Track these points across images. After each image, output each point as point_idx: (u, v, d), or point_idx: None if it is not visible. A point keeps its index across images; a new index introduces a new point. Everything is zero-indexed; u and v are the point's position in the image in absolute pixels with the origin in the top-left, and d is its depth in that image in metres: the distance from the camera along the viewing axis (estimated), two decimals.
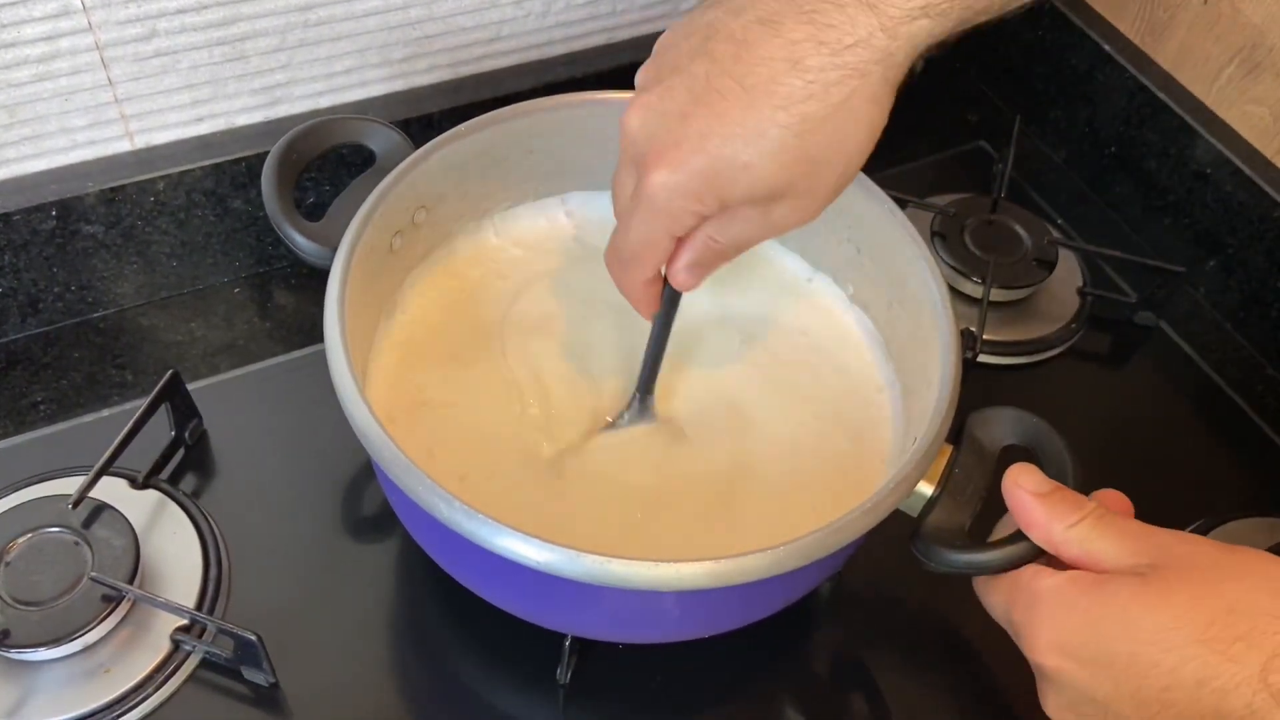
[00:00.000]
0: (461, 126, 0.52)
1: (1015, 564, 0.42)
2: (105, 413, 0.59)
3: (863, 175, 0.53)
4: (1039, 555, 0.41)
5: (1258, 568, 0.37)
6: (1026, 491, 0.41)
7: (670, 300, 0.47)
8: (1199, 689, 0.35)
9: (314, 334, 0.63)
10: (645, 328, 0.49)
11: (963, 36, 0.40)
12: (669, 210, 0.40)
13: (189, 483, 0.56)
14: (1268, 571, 0.37)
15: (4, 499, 0.53)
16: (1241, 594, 0.36)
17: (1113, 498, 0.42)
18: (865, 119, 0.38)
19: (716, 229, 0.41)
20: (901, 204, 0.53)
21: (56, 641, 0.47)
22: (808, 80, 0.37)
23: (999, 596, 0.42)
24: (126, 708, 0.48)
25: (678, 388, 0.53)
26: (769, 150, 0.38)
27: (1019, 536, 0.41)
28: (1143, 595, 0.37)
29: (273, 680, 0.49)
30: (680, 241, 0.42)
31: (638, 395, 0.51)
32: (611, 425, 0.51)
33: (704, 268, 0.43)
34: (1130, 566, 0.38)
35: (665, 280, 0.45)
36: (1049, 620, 0.39)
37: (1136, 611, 0.37)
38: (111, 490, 0.53)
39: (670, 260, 0.43)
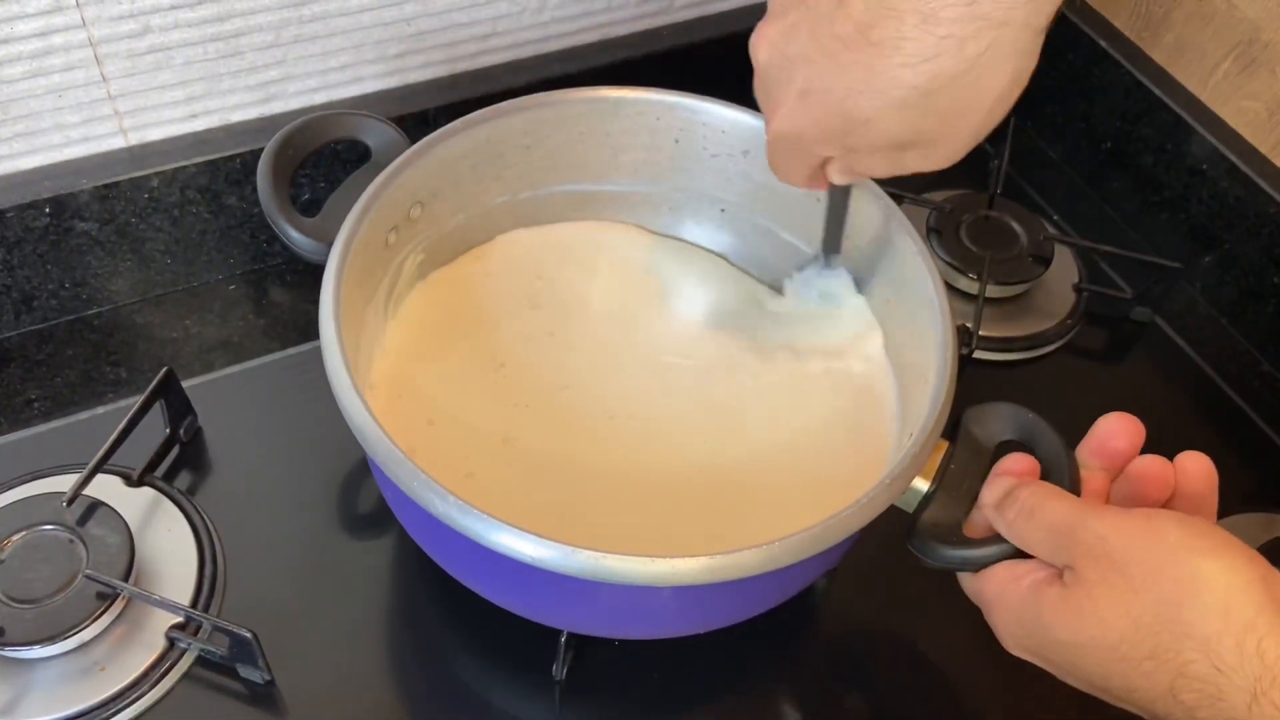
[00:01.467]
0: (457, 122, 0.52)
1: (1006, 559, 0.42)
2: (100, 410, 0.59)
3: None
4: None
5: (1164, 570, 0.36)
6: (986, 505, 0.42)
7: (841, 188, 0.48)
8: (1130, 694, 0.37)
9: (309, 331, 0.63)
10: (642, 325, 0.49)
11: None
12: (797, 152, 0.42)
13: (184, 480, 0.56)
14: (1174, 574, 0.36)
15: None
16: (1146, 608, 0.36)
17: (1154, 467, 0.42)
18: (1006, 70, 0.36)
19: (855, 160, 0.42)
20: (897, 200, 0.53)
21: (51, 639, 0.47)
22: (940, 36, 0.35)
23: (972, 586, 0.43)
24: (121, 705, 0.48)
25: (675, 384, 0.53)
26: (891, 106, 0.37)
27: None
28: (1062, 614, 0.38)
29: (268, 678, 0.49)
30: (824, 162, 0.43)
31: (822, 255, 0.53)
32: (801, 270, 0.55)
33: (855, 177, 0.45)
34: (1057, 564, 0.39)
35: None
36: (1001, 623, 0.41)
37: (1059, 630, 0.38)
38: (106, 488, 0.53)
39: (824, 167, 0.44)
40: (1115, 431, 0.44)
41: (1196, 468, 0.42)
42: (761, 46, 0.40)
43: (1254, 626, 0.34)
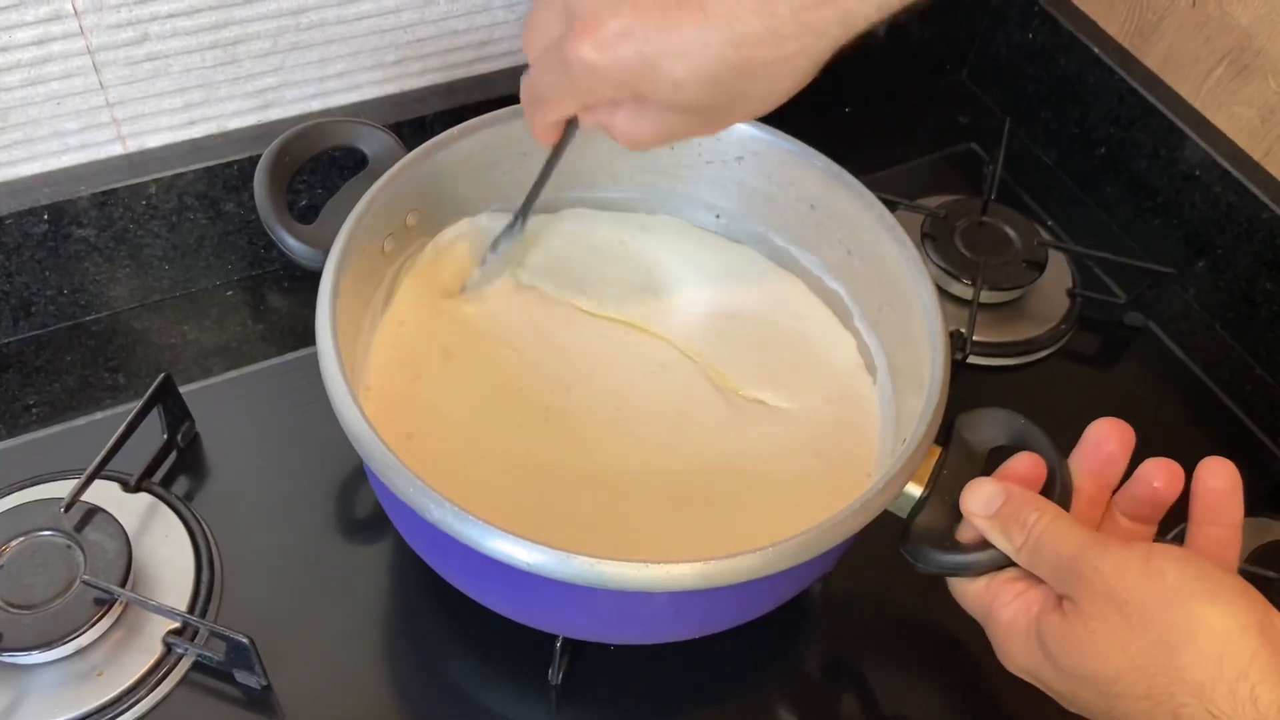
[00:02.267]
0: (454, 130, 0.53)
1: (998, 565, 0.42)
2: (98, 416, 0.59)
3: (852, 178, 0.53)
4: None
5: (1161, 612, 0.36)
6: (975, 516, 0.43)
7: (567, 134, 0.47)
8: None
9: (306, 336, 0.64)
10: (637, 330, 0.49)
11: (954, 39, 0.40)
12: (584, 84, 0.39)
13: (181, 485, 0.57)
14: (1170, 617, 0.36)
15: None
16: (1142, 649, 0.36)
17: (1160, 471, 0.43)
18: (799, 75, 0.38)
19: (621, 118, 0.41)
20: (891, 206, 0.53)
21: (49, 644, 0.48)
22: (768, 26, 0.37)
23: (974, 601, 0.43)
24: (118, 711, 0.48)
25: (670, 389, 0.53)
26: (703, 77, 0.37)
27: None
28: (1064, 644, 0.39)
29: (265, 683, 0.50)
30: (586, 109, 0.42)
31: (519, 220, 0.52)
32: (492, 249, 0.54)
33: (604, 131, 0.43)
34: (1061, 594, 0.40)
35: (568, 124, 0.45)
36: (1007, 649, 0.42)
37: (1062, 661, 0.39)
38: (104, 493, 0.53)
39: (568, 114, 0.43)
40: (1107, 435, 0.44)
41: (1220, 481, 0.42)
42: None
43: (1247, 674, 0.34)
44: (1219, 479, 0.42)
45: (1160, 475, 0.43)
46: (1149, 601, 0.37)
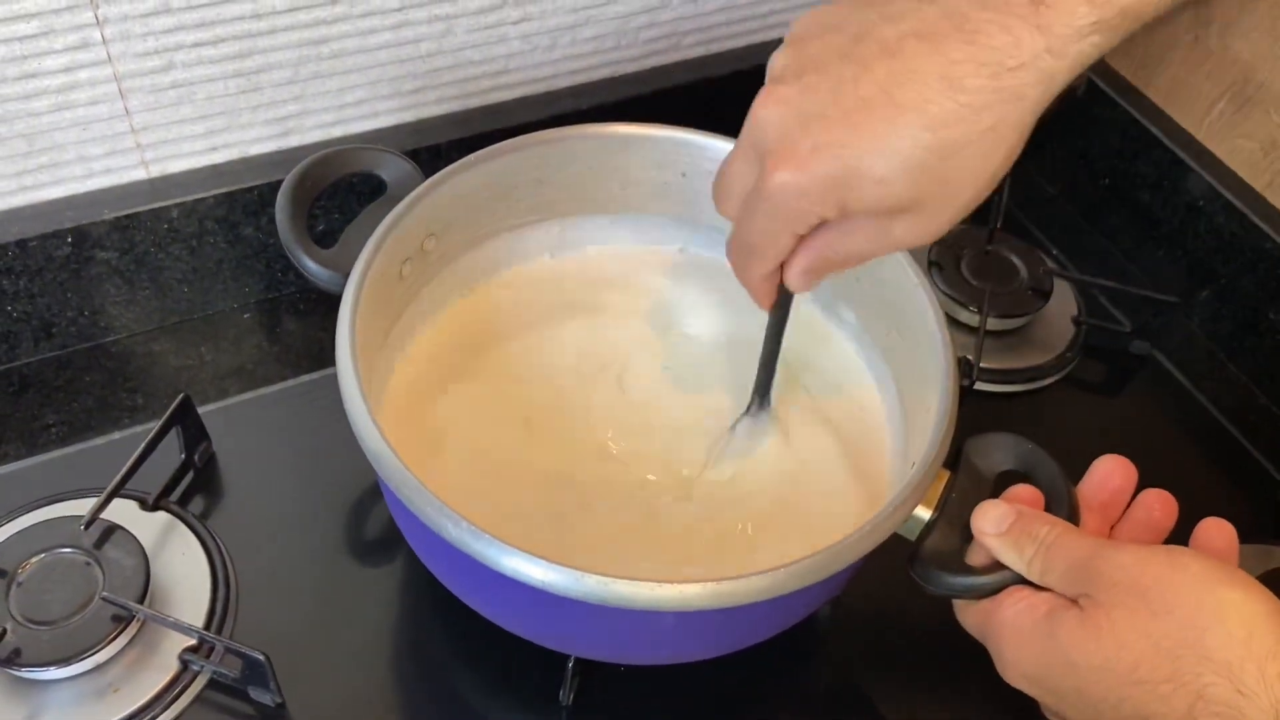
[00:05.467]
0: (471, 157, 0.54)
1: (1008, 587, 0.43)
2: (116, 435, 0.60)
3: None
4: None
5: (1188, 597, 0.37)
6: (986, 535, 0.43)
7: (784, 302, 0.47)
8: None
9: (321, 358, 0.65)
10: (653, 351, 0.50)
11: None
12: (790, 210, 0.39)
13: (198, 504, 0.57)
14: (1197, 599, 0.37)
15: (17, 520, 0.54)
16: (1168, 631, 0.37)
17: (1156, 500, 0.44)
18: (1008, 144, 0.37)
19: (835, 238, 0.40)
20: None
21: (66, 661, 0.48)
22: (961, 103, 0.35)
23: (974, 618, 0.44)
24: None
25: (682, 413, 0.54)
26: (906, 168, 0.36)
27: None
28: (1078, 637, 0.39)
29: (279, 700, 0.50)
30: (798, 244, 0.41)
31: (756, 399, 0.51)
32: (731, 430, 0.52)
33: (818, 272, 0.42)
34: (1075, 595, 0.40)
35: (782, 290, 0.45)
36: (1010, 651, 0.42)
37: (1075, 654, 0.39)
38: (122, 512, 0.54)
39: (786, 264, 0.42)
40: (1111, 471, 0.45)
41: (1217, 531, 0.43)
42: (771, 104, 0.38)
43: (1275, 654, 0.35)
44: (1217, 542, 0.43)
45: (1158, 505, 0.45)
46: (1174, 586, 0.37)
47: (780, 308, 0.47)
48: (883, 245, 0.40)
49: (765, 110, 0.38)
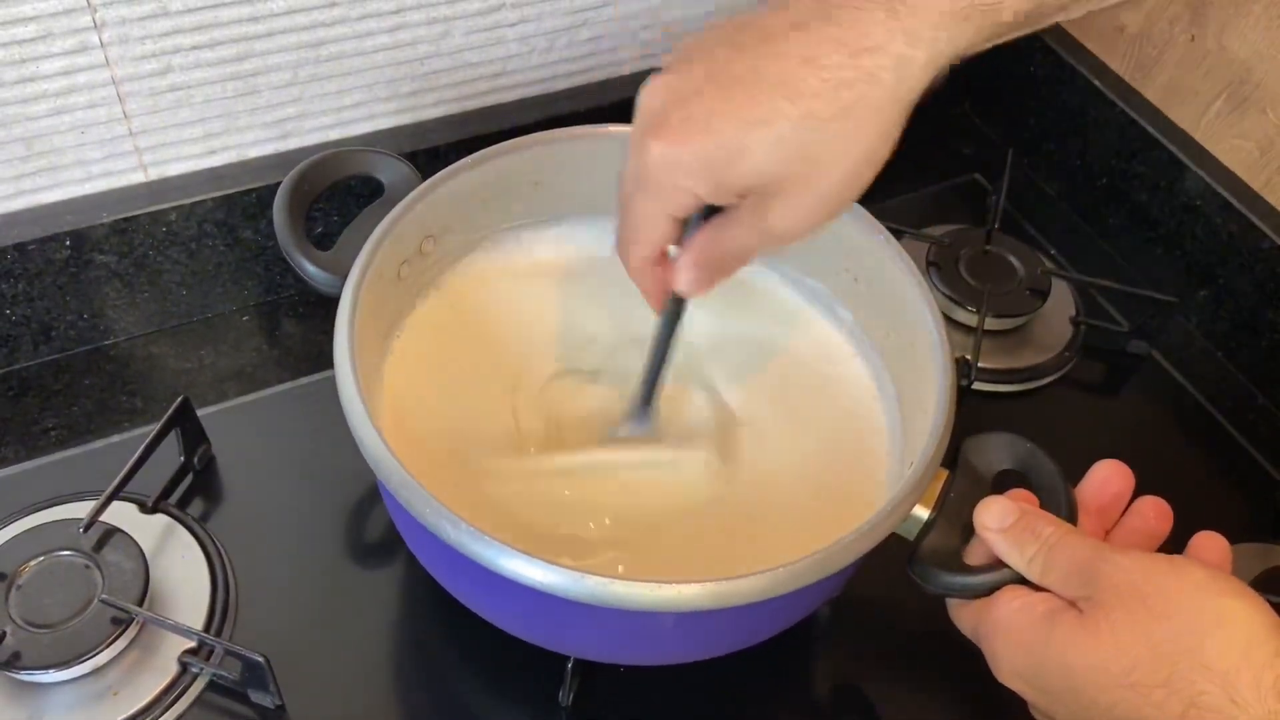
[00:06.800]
0: (468, 159, 0.54)
1: (1008, 585, 0.43)
2: (116, 438, 0.60)
3: (859, 207, 0.54)
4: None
5: (1188, 601, 0.37)
6: (989, 531, 0.43)
7: (674, 308, 0.47)
8: None
9: (319, 361, 0.65)
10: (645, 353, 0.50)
11: (957, 72, 0.41)
12: (666, 185, 0.40)
13: (197, 507, 0.57)
14: (1198, 605, 0.37)
15: (16, 523, 0.54)
16: (1167, 636, 0.37)
17: (1151, 506, 0.45)
18: (870, 127, 0.38)
19: (713, 232, 0.42)
20: (897, 235, 0.54)
21: (66, 663, 0.48)
22: (821, 77, 0.37)
23: (968, 617, 0.44)
24: None
25: (678, 411, 0.54)
26: (769, 139, 0.38)
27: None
28: (1076, 636, 0.39)
29: (279, 703, 0.50)
30: (679, 236, 0.42)
31: (640, 405, 0.51)
32: (613, 435, 0.52)
33: (703, 272, 0.43)
34: (1074, 597, 0.40)
35: (675, 299, 0.45)
36: (1004, 650, 0.42)
37: (1071, 654, 0.39)
38: (122, 515, 0.54)
39: (673, 264, 0.43)
40: (1110, 476, 0.45)
41: (1211, 543, 0.43)
42: (652, 90, 0.40)
43: (1272, 665, 0.35)
44: (1211, 556, 0.43)
45: (1153, 512, 0.45)
46: (1176, 592, 0.37)
47: (671, 314, 0.47)
48: (761, 235, 0.41)
49: (647, 95, 0.41)
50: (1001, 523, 0.43)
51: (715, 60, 0.39)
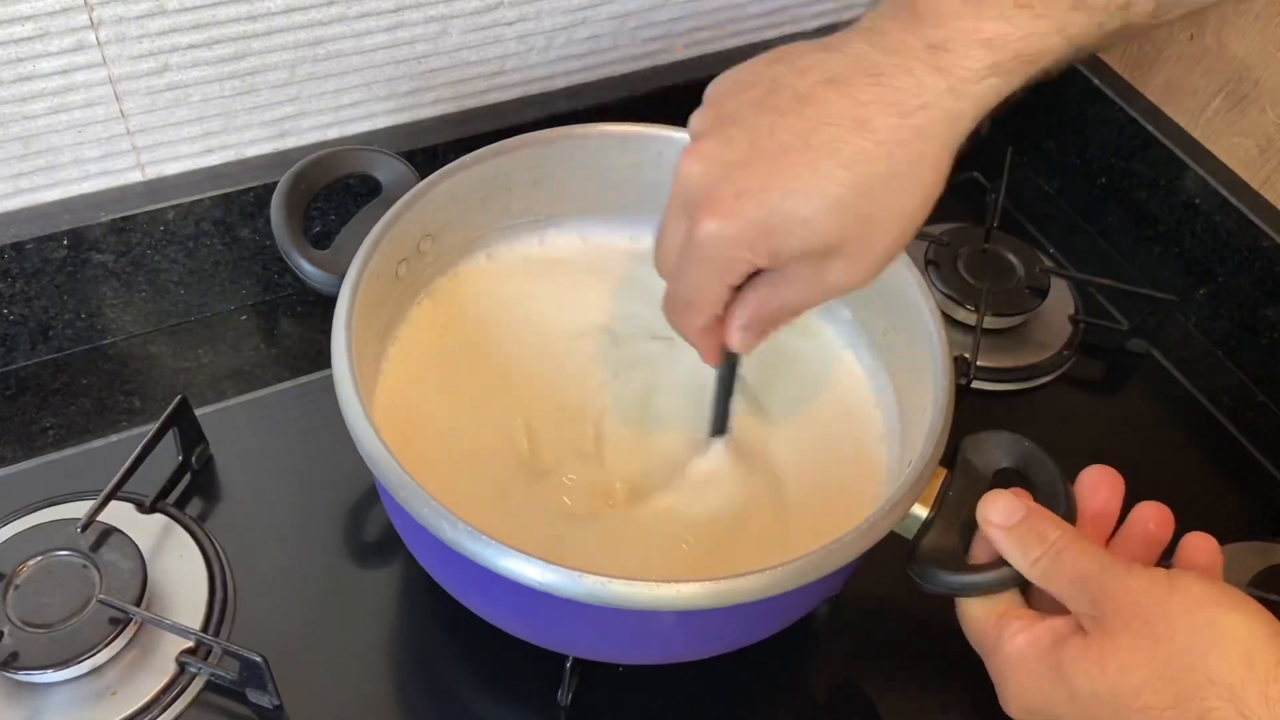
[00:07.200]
0: (466, 157, 0.54)
1: (1006, 585, 0.43)
2: (114, 438, 0.60)
3: None
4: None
5: (1187, 619, 0.37)
6: (993, 526, 0.43)
7: (730, 359, 0.47)
8: None
9: (318, 360, 0.65)
10: (647, 353, 0.50)
11: None
12: (720, 259, 0.39)
13: (195, 507, 0.57)
14: (1197, 622, 0.37)
15: (14, 523, 0.54)
16: (1170, 657, 0.37)
17: (1152, 513, 0.44)
18: (926, 181, 0.38)
19: (771, 291, 0.41)
20: None
21: (64, 663, 0.48)
22: (875, 141, 0.37)
23: (977, 634, 0.44)
24: None
25: (678, 412, 0.54)
26: (828, 207, 0.37)
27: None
28: (1083, 664, 0.39)
29: (277, 703, 0.50)
30: (733, 301, 0.42)
31: (709, 439, 0.51)
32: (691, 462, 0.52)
33: (758, 329, 0.43)
34: (1080, 612, 0.40)
35: (727, 352, 0.45)
36: (1014, 683, 0.42)
37: (1080, 682, 0.39)
38: (120, 514, 0.54)
39: (725, 321, 0.43)
40: (1099, 481, 0.45)
41: (1201, 544, 0.43)
42: (694, 160, 0.39)
43: (1277, 677, 0.35)
44: (1200, 558, 0.43)
45: (1153, 518, 0.44)
46: (1174, 612, 0.37)
47: (727, 365, 0.48)
48: (818, 292, 0.41)
49: (689, 166, 0.40)
50: (1006, 519, 0.43)
51: (759, 129, 0.38)
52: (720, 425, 0.51)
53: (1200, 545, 0.43)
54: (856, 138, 0.37)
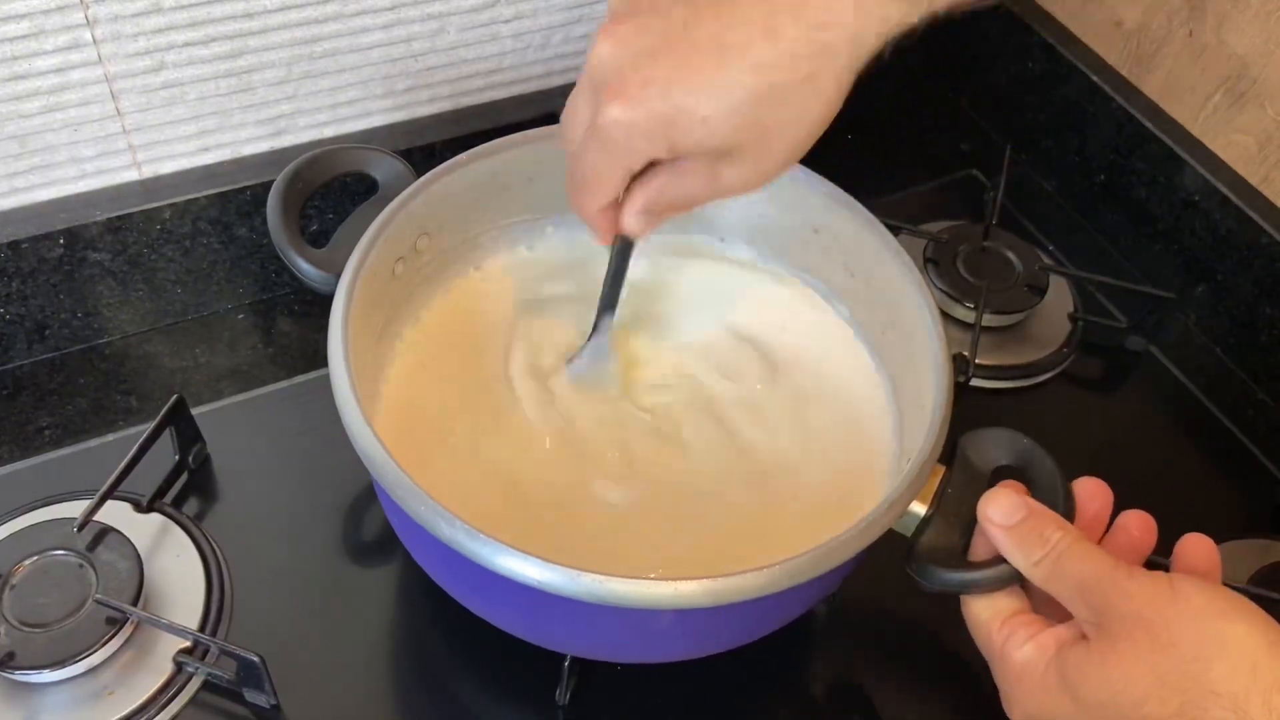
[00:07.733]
0: (463, 155, 0.54)
1: (1006, 583, 0.43)
2: (110, 437, 0.60)
3: (857, 203, 0.54)
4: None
5: (1191, 630, 0.37)
6: (994, 525, 0.43)
7: (624, 244, 0.48)
8: None
9: (315, 359, 0.64)
10: (644, 349, 0.49)
11: (956, 69, 0.41)
12: (621, 145, 0.40)
13: (192, 506, 0.57)
14: (1199, 631, 0.37)
15: (10, 522, 0.54)
16: (1172, 666, 0.37)
17: (1135, 520, 0.44)
18: (824, 97, 0.39)
19: (667, 180, 0.42)
20: (895, 231, 0.54)
21: (61, 663, 0.48)
22: (780, 49, 0.38)
23: (981, 636, 0.44)
24: None
25: (675, 408, 0.54)
26: (728, 108, 0.38)
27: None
28: (1085, 671, 0.39)
29: (274, 702, 0.50)
30: (631, 186, 0.43)
31: (591, 335, 0.52)
32: (570, 369, 0.53)
33: (651, 217, 0.44)
34: (1082, 618, 0.40)
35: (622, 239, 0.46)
36: (1018, 693, 0.42)
37: (1083, 690, 0.39)
38: (116, 514, 0.54)
39: (621, 205, 0.44)
40: (1093, 494, 0.45)
41: (1199, 547, 0.43)
42: (606, 40, 0.40)
43: (1279, 685, 0.35)
44: (1198, 560, 0.43)
45: (1136, 526, 0.44)
46: (1177, 620, 0.37)
47: (620, 253, 0.48)
48: (711, 189, 0.42)
49: (601, 46, 0.40)
50: (1007, 519, 0.42)
51: (672, 21, 0.39)
52: (609, 302, 0.51)
53: (1198, 548, 0.43)
54: (766, 43, 0.38)
